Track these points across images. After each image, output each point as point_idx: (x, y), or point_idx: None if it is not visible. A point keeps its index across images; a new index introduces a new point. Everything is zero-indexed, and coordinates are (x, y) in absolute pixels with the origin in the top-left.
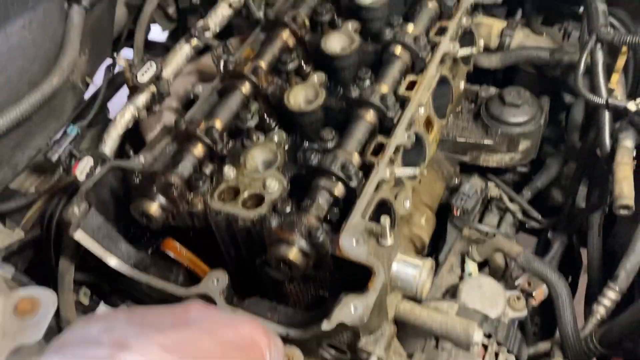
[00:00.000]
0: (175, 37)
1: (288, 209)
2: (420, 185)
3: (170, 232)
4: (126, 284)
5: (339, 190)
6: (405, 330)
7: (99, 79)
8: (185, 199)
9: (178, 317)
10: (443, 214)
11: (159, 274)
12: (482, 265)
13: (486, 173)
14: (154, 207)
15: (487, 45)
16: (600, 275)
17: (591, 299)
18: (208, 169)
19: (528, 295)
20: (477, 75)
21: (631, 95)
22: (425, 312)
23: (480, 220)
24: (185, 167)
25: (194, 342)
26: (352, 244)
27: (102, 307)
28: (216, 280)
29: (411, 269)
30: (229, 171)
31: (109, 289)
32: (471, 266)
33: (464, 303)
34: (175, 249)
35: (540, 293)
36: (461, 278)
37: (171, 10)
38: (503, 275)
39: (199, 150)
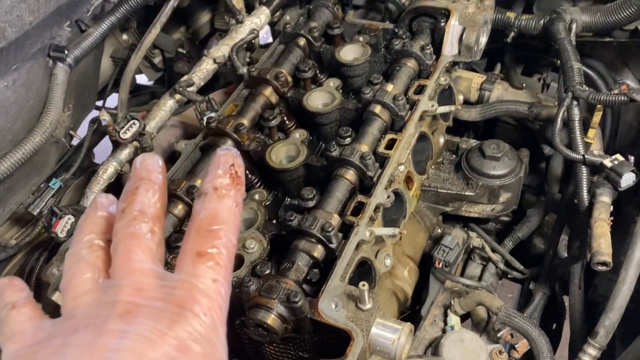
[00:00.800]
0: (163, 81)
1: (267, 271)
2: (404, 237)
3: None
4: None
5: (318, 252)
6: None
7: (83, 130)
8: (165, 260)
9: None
10: (427, 263)
11: None
12: (465, 317)
13: (468, 222)
14: None
15: (467, 98)
16: (583, 326)
17: (574, 347)
18: None
19: (511, 347)
20: (458, 125)
21: (609, 147)
22: None
23: (463, 270)
24: (165, 227)
25: None
26: (331, 307)
27: None
28: None
29: (390, 334)
30: None
31: None
32: (453, 319)
33: (445, 359)
34: None
35: (523, 345)
36: (444, 331)
37: (157, 60)
38: (485, 328)
39: (179, 209)
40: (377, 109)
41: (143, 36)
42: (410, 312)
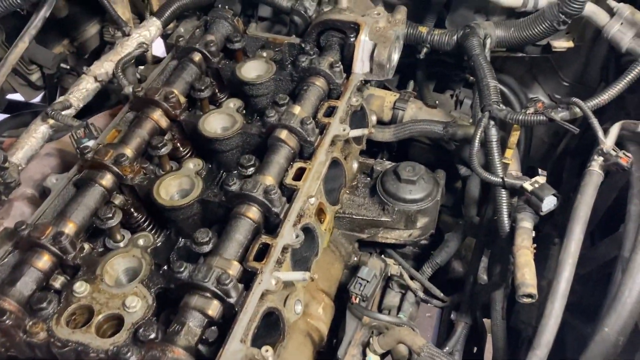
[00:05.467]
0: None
1: (152, 335)
2: (317, 270)
3: None
4: None
5: (214, 309)
6: None
7: None
8: (23, 328)
9: None
10: (342, 295)
11: None
12: (384, 355)
13: (385, 248)
14: None
15: (380, 118)
16: (504, 356)
17: None
18: (58, 282)
19: None
20: (372, 146)
21: (523, 163)
22: None
23: (381, 299)
24: (26, 284)
25: None
26: None
27: None
28: None
29: None
30: (80, 287)
31: None
32: (373, 359)
33: None
34: None
35: None
36: None
37: (35, 77)
38: None
39: (44, 261)
40: (284, 134)
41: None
42: (327, 349)
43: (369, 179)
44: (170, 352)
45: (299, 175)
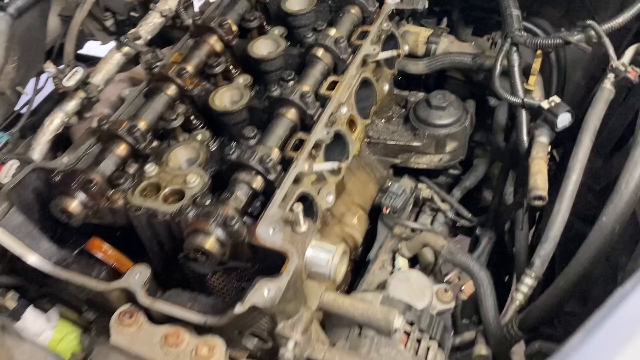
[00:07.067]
0: None
1: (208, 202)
2: (353, 187)
3: (98, 233)
4: (54, 287)
5: (257, 183)
6: (330, 320)
7: (31, 89)
8: (106, 196)
9: None
10: (377, 216)
11: (80, 271)
12: (414, 263)
13: (419, 176)
14: (73, 204)
15: (415, 52)
16: (525, 263)
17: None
18: (132, 169)
19: (458, 289)
20: (409, 82)
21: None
22: (348, 301)
23: (415, 221)
24: (107, 165)
25: None
26: (269, 232)
27: (30, 313)
28: (138, 274)
29: (324, 254)
30: (150, 168)
31: (38, 293)
32: (401, 262)
33: (389, 294)
34: (100, 248)
35: (469, 287)
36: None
37: (109, 23)
38: (432, 271)
39: (121, 149)
40: (319, 52)
41: None
42: (361, 260)
43: (403, 110)
44: (221, 208)
45: (332, 87)
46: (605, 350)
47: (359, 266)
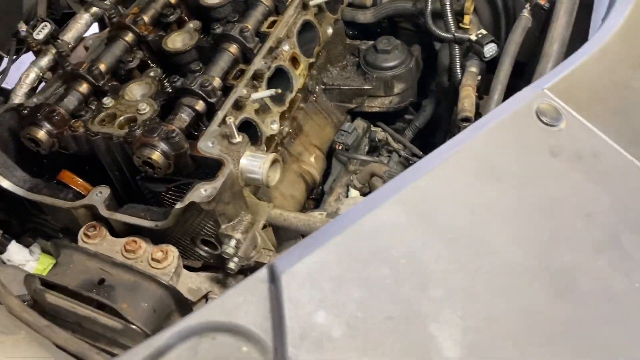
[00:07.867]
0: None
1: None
2: (310, 129)
3: (68, 169)
4: (35, 221)
5: (199, 106)
6: (278, 235)
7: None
8: (68, 125)
9: None
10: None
11: (50, 194)
12: (365, 194)
13: (377, 122)
14: (40, 133)
15: (364, 3)
16: None
17: None
18: (94, 106)
19: None
20: (364, 35)
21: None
22: (292, 214)
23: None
24: (70, 100)
25: None
26: (208, 145)
27: (13, 246)
28: (99, 193)
29: (256, 161)
30: (107, 100)
31: (20, 228)
32: (353, 193)
33: (335, 214)
34: (70, 178)
35: None
36: None
37: None
38: None
39: (83, 87)
40: None
41: None
42: (321, 198)
43: (357, 59)
44: (164, 125)
45: (272, 26)
46: None
47: (318, 203)
